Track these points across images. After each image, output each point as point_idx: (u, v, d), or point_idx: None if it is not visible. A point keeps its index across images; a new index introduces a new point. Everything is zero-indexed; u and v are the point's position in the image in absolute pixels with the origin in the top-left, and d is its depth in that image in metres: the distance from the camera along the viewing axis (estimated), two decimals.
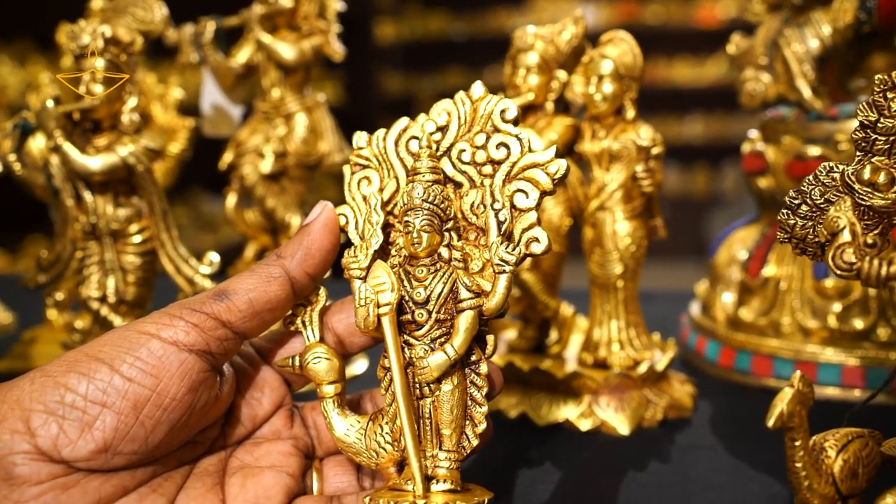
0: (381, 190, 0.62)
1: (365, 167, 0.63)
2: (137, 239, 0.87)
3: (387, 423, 0.59)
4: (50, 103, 0.83)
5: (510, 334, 0.96)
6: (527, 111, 0.90)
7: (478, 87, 0.62)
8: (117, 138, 0.85)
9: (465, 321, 0.57)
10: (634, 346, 0.87)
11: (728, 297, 1.00)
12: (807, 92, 0.94)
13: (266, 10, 0.98)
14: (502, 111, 0.60)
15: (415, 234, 0.57)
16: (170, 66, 1.22)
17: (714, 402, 0.90)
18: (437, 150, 0.61)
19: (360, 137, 0.64)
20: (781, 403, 0.51)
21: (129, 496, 0.56)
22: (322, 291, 0.62)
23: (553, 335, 0.94)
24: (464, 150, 0.60)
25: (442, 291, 0.57)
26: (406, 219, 0.58)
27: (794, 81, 0.94)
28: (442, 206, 0.58)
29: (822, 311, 0.92)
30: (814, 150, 0.92)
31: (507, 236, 0.57)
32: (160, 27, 0.86)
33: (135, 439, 0.53)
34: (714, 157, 6.08)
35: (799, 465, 0.52)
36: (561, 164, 0.58)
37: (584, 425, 0.83)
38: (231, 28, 1.01)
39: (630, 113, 0.86)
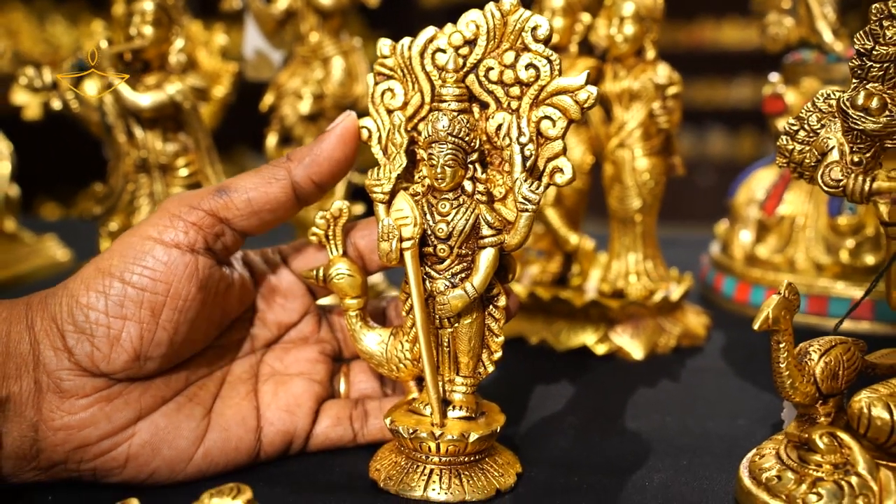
0: (405, 104, 0.60)
1: (389, 77, 0.60)
2: (184, 172, 0.93)
3: (407, 341, 0.62)
4: (104, 44, 0.90)
5: (534, 269, 1.01)
6: None
7: None
8: (165, 77, 0.91)
9: (485, 259, 0.57)
10: (651, 277, 0.91)
11: (746, 236, 1.03)
12: (828, 35, 0.96)
13: None
14: (534, 28, 0.57)
15: (438, 170, 0.57)
16: (214, 16, 1.26)
17: (727, 333, 0.94)
18: (464, 65, 0.59)
19: (384, 45, 0.60)
20: (768, 308, 0.56)
21: (167, 405, 0.60)
22: (346, 206, 0.63)
23: (575, 269, 0.99)
24: (491, 69, 0.58)
25: (464, 228, 0.57)
26: (430, 151, 0.58)
27: (815, 24, 0.97)
28: (467, 138, 0.57)
29: (836, 247, 0.95)
30: None
31: (532, 171, 0.57)
32: None
33: (160, 343, 0.57)
34: (762, 122, 5.97)
35: (783, 365, 0.56)
36: (591, 92, 0.56)
37: (600, 350, 0.88)
38: None
39: (650, 54, 0.89)
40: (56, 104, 0.93)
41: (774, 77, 1.03)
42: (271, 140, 1.08)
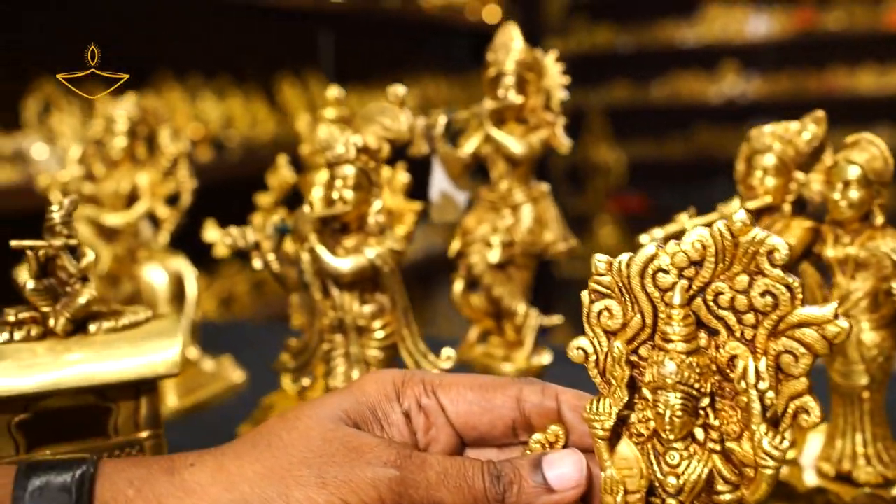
0: (624, 326, 0.56)
1: (605, 296, 0.56)
2: (380, 334, 0.92)
3: None
4: (307, 208, 0.90)
5: None
6: (762, 213, 0.89)
7: (740, 216, 0.53)
8: (364, 239, 0.91)
9: None
10: (883, 460, 0.84)
11: None
12: None
13: (496, 106, 1.01)
14: (770, 251, 0.51)
15: (666, 420, 0.52)
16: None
17: None
18: (690, 287, 0.54)
19: (599, 261, 0.56)
20: None
21: None
22: (562, 431, 0.59)
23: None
24: (721, 293, 0.53)
25: (696, 483, 0.53)
26: (655, 398, 0.53)
27: None
28: (697, 385, 0.53)
29: None
30: None
31: (773, 420, 0.51)
32: (406, 135, 0.91)
33: None
34: None
35: None
36: (843, 327, 0.50)
37: None
38: (461, 121, 1.05)
39: (879, 219, 0.83)
40: (257, 264, 0.94)
41: None
42: (458, 287, 1.07)
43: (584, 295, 0.57)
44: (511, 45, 1.03)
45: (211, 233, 1.17)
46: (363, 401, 0.61)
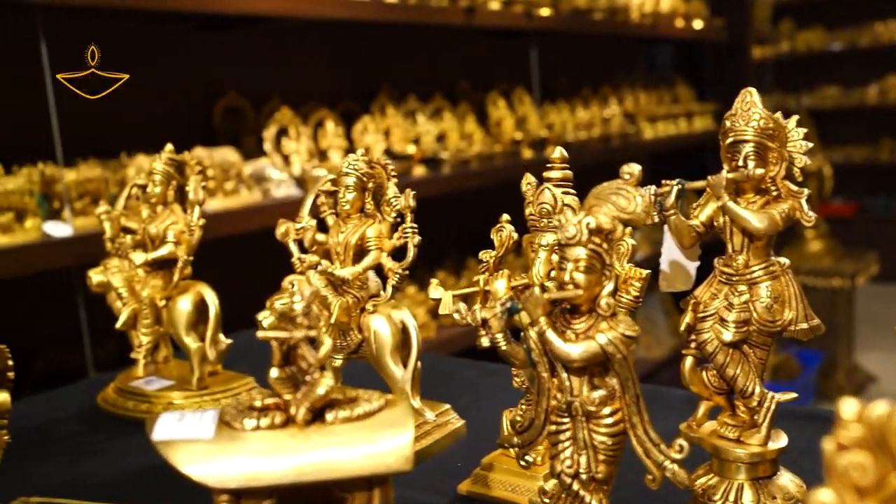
0: (880, 483, 0.49)
1: (856, 448, 0.50)
2: (609, 420, 0.90)
3: None
4: (537, 291, 0.89)
5: None
6: None
7: None
8: (595, 323, 0.89)
9: None
10: None
11: None
12: None
13: (735, 178, 0.96)
14: None
15: None
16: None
17: None
18: None
19: (847, 406, 0.50)
20: None
21: None
22: None
23: None
24: None
25: None
26: None
27: None
28: None
29: None
30: None
31: None
32: (641, 217, 0.88)
33: None
34: None
35: None
36: None
37: None
38: (694, 189, 1.01)
39: None
40: (484, 342, 0.95)
41: None
42: (688, 362, 1.03)
43: (828, 445, 0.52)
44: (750, 111, 0.97)
45: (435, 292, 1.20)
46: None
